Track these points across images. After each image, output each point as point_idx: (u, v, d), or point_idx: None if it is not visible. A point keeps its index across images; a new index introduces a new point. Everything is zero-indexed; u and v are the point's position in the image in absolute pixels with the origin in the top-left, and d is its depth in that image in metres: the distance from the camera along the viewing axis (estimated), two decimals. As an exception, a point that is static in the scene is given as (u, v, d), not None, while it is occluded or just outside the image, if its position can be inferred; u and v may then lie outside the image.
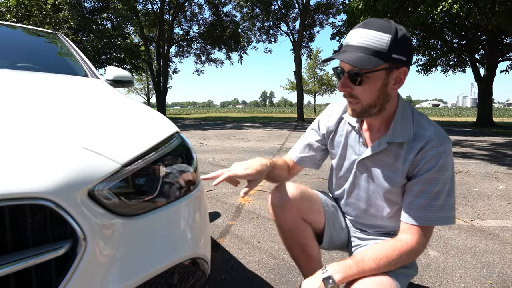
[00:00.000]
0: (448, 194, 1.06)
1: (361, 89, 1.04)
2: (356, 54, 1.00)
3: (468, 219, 2.90)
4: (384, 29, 0.99)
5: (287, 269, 1.99)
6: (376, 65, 0.98)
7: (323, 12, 23.70)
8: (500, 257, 2.18)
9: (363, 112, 1.09)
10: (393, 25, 1.00)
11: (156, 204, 0.92)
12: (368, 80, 1.02)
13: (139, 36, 26.95)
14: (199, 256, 1.04)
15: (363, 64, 0.98)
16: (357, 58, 0.99)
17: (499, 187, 4.06)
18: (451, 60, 19.41)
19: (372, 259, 1.02)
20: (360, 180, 1.25)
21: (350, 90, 1.06)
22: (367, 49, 0.99)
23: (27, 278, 0.69)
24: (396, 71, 1.03)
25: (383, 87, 1.04)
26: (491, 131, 13.50)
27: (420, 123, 1.10)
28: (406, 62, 1.03)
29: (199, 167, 5.51)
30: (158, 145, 1.01)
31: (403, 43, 1.00)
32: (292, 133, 11.96)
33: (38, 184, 0.70)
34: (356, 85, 1.04)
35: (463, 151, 7.29)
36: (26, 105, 1.06)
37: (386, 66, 1.01)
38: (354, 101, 1.08)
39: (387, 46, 0.98)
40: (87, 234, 0.74)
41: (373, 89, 1.04)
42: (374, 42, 0.99)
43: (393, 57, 0.99)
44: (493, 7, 10.26)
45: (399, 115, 1.11)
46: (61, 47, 2.43)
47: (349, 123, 1.26)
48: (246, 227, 2.71)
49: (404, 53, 1.01)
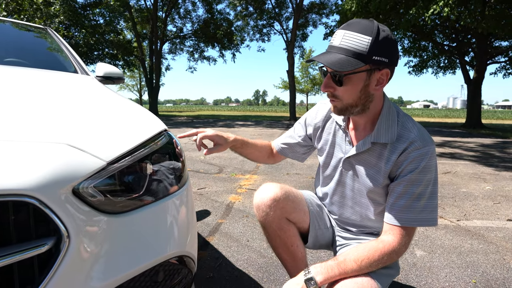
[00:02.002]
0: (431, 196, 1.07)
1: (342, 90, 1.06)
2: (336, 56, 1.01)
3: (455, 219, 2.95)
4: (366, 31, 1.00)
5: (275, 268, 2.00)
6: (356, 67, 1.00)
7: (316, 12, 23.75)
8: (484, 257, 2.21)
9: (344, 110, 1.11)
10: (375, 27, 1.00)
11: (143, 202, 0.92)
12: (349, 81, 1.04)
13: (132, 32, 26.75)
14: (186, 254, 1.04)
15: (342, 66, 0.99)
16: (337, 60, 1.00)
17: (486, 188, 4.12)
18: (441, 62, 19.59)
19: (354, 260, 1.03)
20: (345, 178, 1.26)
21: (332, 90, 1.08)
22: (347, 50, 1.00)
23: (9, 275, 0.69)
24: (377, 73, 1.04)
25: (364, 88, 1.05)
26: (479, 132, 13.69)
27: (405, 125, 1.12)
28: (388, 64, 1.03)
29: (190, 165, 5.49)
30: (145, 142, 1.01)
31: (385, 44, 1.01)
32: (285, 131, 11.96)
33: (21, 181, 0.69)
34: (338, 86, 1.06)
35: (452, 152, 7.38)
36: (12, 100, 1.05)
37: (367, 67, 1.02)
38: (335, 100, 1.10)
39: (367, 48, 0.99)
40: (71, 231, 0.74)
41: (354, 89, 1.05)
42: (354, 44, 1.00)
43: (374, 59, 1.00)
44: (483, 11, 10.42)
45: (384, 116, 1.13)
46: (51, 43, 2.39)
47: (336, 121, 1.27)
48: (236, 225, 2.71)
49: (386, 55, 1.02)
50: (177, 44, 28.78)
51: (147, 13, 25.50)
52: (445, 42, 17.78)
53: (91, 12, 19.77)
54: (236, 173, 4.74)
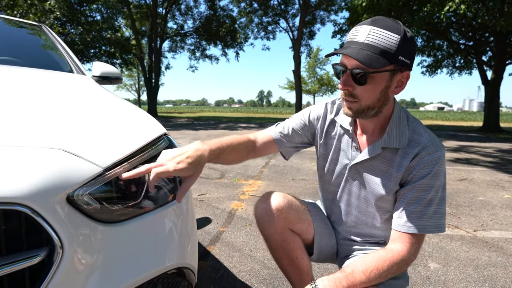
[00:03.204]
0: (440, 201, 1.09)
1: (363, 89, 1.04)
2: (363, 51, 0.99)
3: (471, 230, 2.92)
4: (393, 29, 1.00)
5: (280, 280, 1.99)
6: (384, 66, 0.99)
7: (324, 9, 23.82)
8: (503, 271, 2.19)
9: (360, 113, 1.09)
10: (401, 26, 1.01)
11: (140, 210, 0.92)
12: (372, 80, 1.02)
13: (131, 30, 26.94)
14: (185, 266, 1.04)
15: (371, 62, 0.98)
16: (366, 56, 0.98)
17: (505, 197, 4.09)
18: (457, 61, 19.55)
19: (362, 272, 1.03)
20: (351, 185, 1.26)
21: (352, 89, 1.06)
22: (375, 47, 0.99)
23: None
24: (399, 74, 1.04)
25: (385, 89, 1.05)
26: (498, 137, 13.61)
27: (415, 129, 1.12)
28: (409, 66, 1.04)
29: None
30: (144, 147, 1.01)
31: (410, 46, 1.02)
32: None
33: (13, 188, 0.69)
34: (359, 84, 1.04)
35: (468, 158, 7.34)
36: (4, 102, 1.06)
37: (392, 67, 1.02)
38: (352, 100, 1.08)
39: (395, 47, 0.99)
40: (64, 241, 0.74)
41: (375, 90, 1.05)
42: (383, 41, 0.99)
43: (399, 59, 1.00)
44: (502, 8, 10.37)
45: (394, 120, 1.12)
46: (46, 40, 2.41)
47: (341, 126, 1.26)
48: (238, 234, 2.70)
49: (409, 56, 1.03)
50: (177, 42, 28.94)
51: (146, 9, 25.67)
52: (461, 40, 17.72)
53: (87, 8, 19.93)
54: (238, 178, 4.74)
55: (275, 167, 5.66)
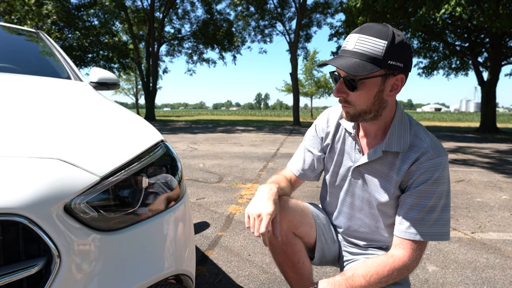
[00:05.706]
0: (443, 209, 1.08)
1: (356, 95, 1.07)
2: (351, 60, 1.03)
3: (469, 232, 2.93)
4: (381, 35, 1.01)
5: (278, 284, 1.99)
6: (371, 72, 1.01)
7: (320, 11, 23.84)
8: (501, 273, 2.20)
9: (357, 117, 1.12)
10: (390, 31, 1.02)
11: (137, 218, 0.92)
12: (363, 86, 1.05)
13: (128, 34, 26.92)
14: (183, 272, 1.04)
15: (357, 70, 1.01)
16: (352, 64, 1.01)
17: (502, 198, 4.10)
18: (453, 63, 19.64)
19: (363, 276, 1.03)
20: (355, 188, 1.26)
21: (345, 95, 1.09)
22: (362, 55, 1.02)
23: (-3, 298, 0.69)
24: (392, 78, 1.05)
25: (378, 94, 1.07)
26: (494, 137, 13.65)
27: (417, 134, 1.13)
28: (403, 69, 1.05)
29: (189, 173, 5.48)
30: (141, 155, 1.01)
31: (400, 49, 1.03)
32: (288, 137, 11.99)
33: (10, 198, 0.69)
34: (351, 91, 1.07)
35: (465, 159, 7.36)
36: (0, 110, 1.06)
37: (382, 72, 1.03)
38: (348, 106, 1.11)
39: (382, 52, 1.00)
40: (62, 251, 0.74)
41: (368, 95, 1.06)
42: (369, 48, 1.01)
43: (389, 64, 1.02)
44: (497, 9, 10.43)
45: (396, 124, 1.13)
46: (43, 47, 2.41)
47: (345, 128, 1.27)
48: (236, 238, 2.70)
49: (401, 60, 1.03)
50: (175, 46, 28.94)
51: (143, 14, 25.67)
52: (457, 42, 17.81)
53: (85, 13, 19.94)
54: (236, 182, 4.74)
55: (273, 170, 5.66)
